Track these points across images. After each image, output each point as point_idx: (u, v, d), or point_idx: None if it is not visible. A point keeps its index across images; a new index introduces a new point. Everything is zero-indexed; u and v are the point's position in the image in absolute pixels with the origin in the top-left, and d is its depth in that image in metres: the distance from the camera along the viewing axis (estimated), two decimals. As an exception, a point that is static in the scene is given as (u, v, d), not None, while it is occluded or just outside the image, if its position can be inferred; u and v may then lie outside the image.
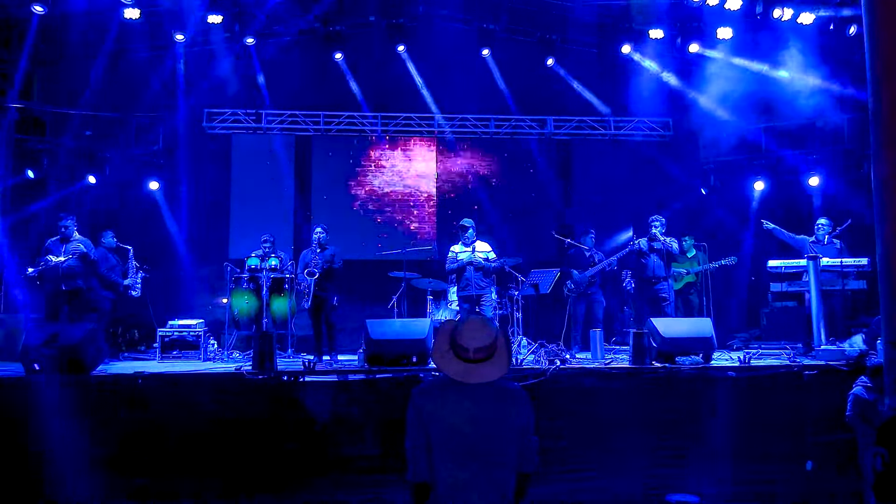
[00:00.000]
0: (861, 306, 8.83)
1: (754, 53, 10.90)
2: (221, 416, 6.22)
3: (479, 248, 8.80)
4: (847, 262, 8.33)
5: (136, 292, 9.09)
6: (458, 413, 2.88)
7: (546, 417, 6.14)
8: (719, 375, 6.76)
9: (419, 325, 7.21)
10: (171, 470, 6.03)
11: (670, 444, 6.46)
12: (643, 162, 12.42)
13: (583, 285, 9.36)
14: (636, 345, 7.09)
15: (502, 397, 2.95)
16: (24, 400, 6.06)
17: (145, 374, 6.53)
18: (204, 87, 11.42)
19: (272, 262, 9.06)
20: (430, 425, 2.89)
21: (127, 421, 6.12)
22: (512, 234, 11.80)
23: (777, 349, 8.35)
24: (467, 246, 8.79)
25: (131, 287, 9.05)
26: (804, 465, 6.43)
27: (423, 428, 2.90)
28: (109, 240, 9.14)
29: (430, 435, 2.88)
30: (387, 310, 9.21)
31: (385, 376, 6.52)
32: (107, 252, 9.11)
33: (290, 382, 6.44)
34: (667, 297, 9.02)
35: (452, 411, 2.89)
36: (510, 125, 12.55)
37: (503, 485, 2.87)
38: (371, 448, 6.20)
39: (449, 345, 3.00)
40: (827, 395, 6.48)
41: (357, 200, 12.61)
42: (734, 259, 9.48)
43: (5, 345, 8.79)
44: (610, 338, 9.90)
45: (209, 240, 11.63)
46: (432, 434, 2.88)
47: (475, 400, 2.90)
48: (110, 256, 9.12)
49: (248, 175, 12.29)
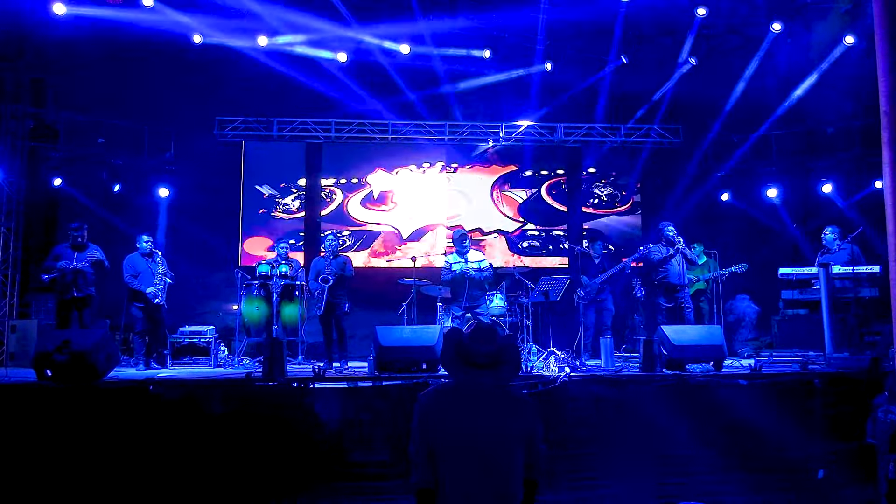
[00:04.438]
0: (873, 314, 8.77)
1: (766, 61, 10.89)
2: (231, 423, 6.23)
3: (471, 259, 8.71)
4: (859, 269, 8.29)
5: (159, 299, 8.67)
6: (463, 420, 2.87)
7: (556, 425, 6.14)
8: (730, 383, 6.73)
9: (429, 332, 7.21)
10: (179, 475, 6.05)
11: (680, 453, 6.42)
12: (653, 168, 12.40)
13: (593, 292, 9.33)
14: (646, 352, 7.08)
15: (508, 405, 2.95)
16: (36, 406, 6.11)
17: (156, 379, 6.57)
18: (216, 94, 11.49)
19: (283, 269, 9.09)
20: (436, 432, 2.88)
21: (137, 427, 6.14)
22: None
23: (789, 357, 8.30)
24: (461, 256, 8.77)
25: (154, 295, 8.64)
26: (816, 473, 6.39)
27: (429, 434, 2.89)
28: (143, 244, 8.80)
29: (435, 441, 2.87)
30: (397, 317, 9.22)
31: (395, 383, 6.52)
32: (138, 257, 8.77)
33: (300, 389, 6.46)
34: (689, 305, 8.94)
35: (458, 418, 2.88)
36: (521, 132, 12.53)
37: (509, 492, 2.86)
38: (380, 454, 6.20)
39: (455, 351, 3.00)
40: (839, 404, 6.45)
41: (368, 207, 12.69)
42: (745, 266, 9.43)
43: (18, 350, 8.88)
44: (620, 345, 9.87)
45: (220, 246, 11.68)
46: (437, 440, 2.87)
47: (481, 407, 2.90)
48: (138, 262, 8.76)
49: (259, 182, 12.36)
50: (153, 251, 8.83)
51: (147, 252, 8.79)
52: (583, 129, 12.51)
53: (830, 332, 7.69)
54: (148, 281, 8.66)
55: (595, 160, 12.90)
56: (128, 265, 8.72)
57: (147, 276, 8.70)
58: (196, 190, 11.46)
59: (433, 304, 9.58)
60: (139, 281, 8.66)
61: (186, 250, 9.30)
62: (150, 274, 8.71)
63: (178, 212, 11.33)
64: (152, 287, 8.63)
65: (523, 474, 2.91)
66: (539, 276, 9.47)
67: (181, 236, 11.07)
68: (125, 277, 8.69)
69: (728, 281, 9.56)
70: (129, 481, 5.95)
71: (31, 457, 5.93)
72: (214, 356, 8.94)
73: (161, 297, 8.68)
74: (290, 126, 12.15)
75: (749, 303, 10.05)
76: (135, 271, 8.70)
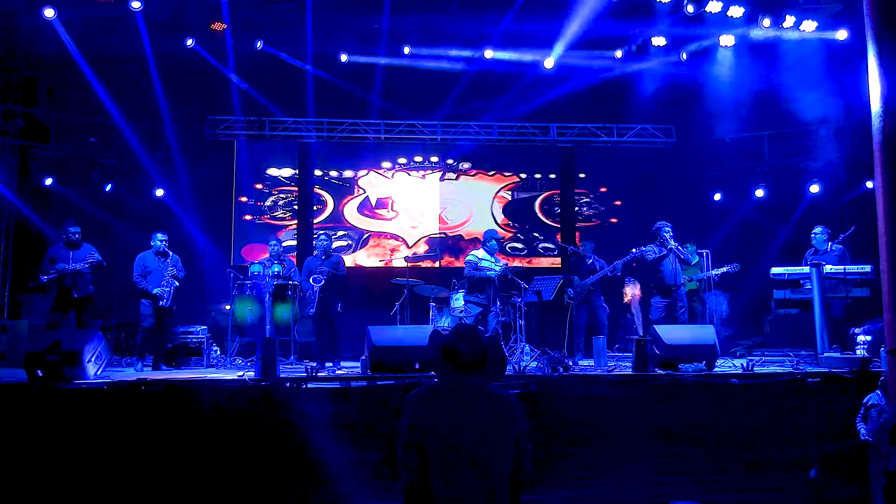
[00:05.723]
0: (864, 314, 8.81)
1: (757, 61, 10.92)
2: (223, 423, 6.22)
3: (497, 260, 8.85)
4: (850, 269, 8.32)
5: (164, 302, 8.48)
6: (451, 420, 2.88)
7: (549, 425, 6.15)
8: (722, 383, 6.75)
9: (422, 332, 7.19)
10: (173, 477, 6.03)
11: (673, 452, 6.45)
12: (645, 168, 12.44)
13: (584, 293, 9.34)
14: (639, 352, 7.09)
15: (495, 404, 2.97)
16: (26, 406, 6.08)
17: (148, 380, 6.55)
18: (207, 93, 11.46)
19: (275, 269, 9.07)
20: (424, 432, 2.89)
21: (129, 427, 6.12)
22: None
23: (780, 356, 8.34)
24: (491, 255, 8.81)
25: (160, 297, 8.47)
26: (808, 472, 6.42)
27: (417, 435, 2.90)
28: (157, 243, 8.66)
29: (423, 441, 2.88)
30: (389, 317, 9.21)
31: (387, 383, 6.52)
32: (151, 255, 8.65)
33: (293, 389, 6.45)
34: (683, 304, 8.96)
35: (446, 418, 2.89)
36: (514, 132, 12.56)
37: (497, 492, 2.87)
38: (373, 454, 6.18)
39: (441, 353, 3.02)
40: (831, 403, 6.48)
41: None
42: (737, 266, 9.47)
43: (10, 351, 8.83)
44: (612, 345, 9.88)
45: (212, 247, 11.64)
46: (425, 441, 2.88)
47: (468, 407, 2.92)
48: (149, 261, 8.64)
49: (251, 182, 12.33)
50: (167, 251, 8.70)
51: (161, 251, 8.66)
52: (576, 129, 12.54)
53: (822, 332, 7.72)
54: (156, 281, 8.54)
55: (587, 161, 12.92)
56: (138, 263, 8.61)
57: (157, 277, 8.57)
58: (188, 189, 11.41)
59: (426, 304, 9.59)
60: (147, 281, 8.53)
61: (178, 250, 9.23)
62: (161, 274, 8.57)
63: (169, 211, 11.29)
64: (159, 288, 8.49)
65: (510, 473, 2.92)
66: (532, 275, 9.47)
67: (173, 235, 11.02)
68: (134, 276, 8.57)
69: (721, 280, 9.60)
70: (120, 482, 5.92)
71: (22, 458, 5.90)
72: (207, 356, 8.91)
73: (166, 300, 8.50)
74: (281, 126, 12.12)
75: (720, 297, 10.08)
76: (144, 270, 8.57)
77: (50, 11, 9.33)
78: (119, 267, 9.29)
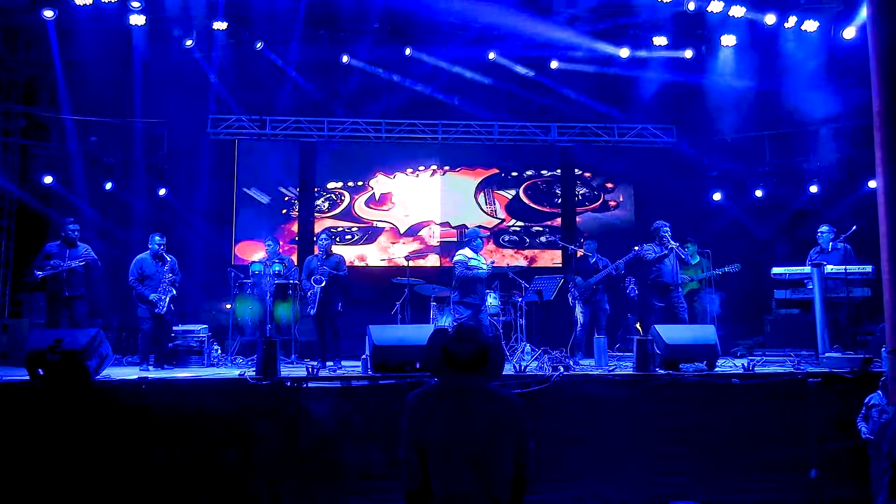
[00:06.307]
0: (865, 314, 8.81)
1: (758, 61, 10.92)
2: (224, 422, 6.22)
3: (483, 258, 8.81)
4: (851, 269, 8.31)
5: (160, 309, 8.22)
6: (452, 420, 2.88)
7: (550, 424, 6.14)
8: (723, 382, 6.75)
9: (423, 331, 7.18)
10: (173, 476, 6.04)
11: (674, 452, 6.45)
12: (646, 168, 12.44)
13: (587, 292, 9.34)
14: (640, 352, 7.08)
15: (496, 404, 2.97)
16: (28, 405, 6.08)
17: (149, 379, 6.55)
18: (209, 93, 11.46)
19: (276, 268, 9.06)
20: (425, 433, 2.89)
21: (130, 426, 6.12)
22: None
23: (781, 356, 8.33)
24: (476, 253, 8.80)
25: (156, 304, 8.24)
26: (808, 472, 6.42)
27: (418, 435, 2.90)
28: (154, 245, 8.41)
29: (424, 442, 2.89)
30: (390, 316, 9.21)
31: (388, 382, 6.51)
32: (148, 259, 8.41)
33: (294, 388, 6.44)
34: (683, 304, 8.96)
35: (446, 418, 2.89)
36: (514, 131, 12.55)
37: (499, 491, 2.87)
38: (374, 454, 6.18)
39: (440, 353, 3.01)
40: (831, 403, 6.48)
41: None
42: (738, 266, 9.45)
43: (10, 350, 8.83)
44: (613, 345, 9.87)
45: (213, 245, 11.64)
46: (427, 442, 2.88)
47: (469, 407, 2.92)
48: (147, 265, 8.38)
49: (253, 181, 12.34)
50: (164, 255, 8.42)
51: (158, 254, 8.41)
52: (576, 129, 12.53)
53: (823, 332, 7.72)
54: (153, 287, 8.32)
55: (588, 159, 12.92)
56: (135, 267, 8.38)
57: (154, 282, 8.34)
58: (189, 188, 11.42)
59: (427, 304, 9.58)
60: (144, 285, 8.32)
61: (179, 249, 9.23)
62: (158, 280, 8.34)
63: (170, 210, 11.28)
64: (156, 294, 8.27)
65: (512, 473, 2.92)
66: (533, 274, 9.47)
67: (173, 234, 11.04)
68: (129, 279, 8.39)
69: (722, 280, 9.59)
70: (121, 481, 5.93)
71: (23, 456, 5.91)
72: (207, 355, 8.89)
73: (162, 307, 8.26)
74: (283, 125, 12.12)
75: (714, 297, 10.08)
76: (141, 274, 8.36)
77: (49, 13, 9.33)
78: (119, 266, 9.29)
